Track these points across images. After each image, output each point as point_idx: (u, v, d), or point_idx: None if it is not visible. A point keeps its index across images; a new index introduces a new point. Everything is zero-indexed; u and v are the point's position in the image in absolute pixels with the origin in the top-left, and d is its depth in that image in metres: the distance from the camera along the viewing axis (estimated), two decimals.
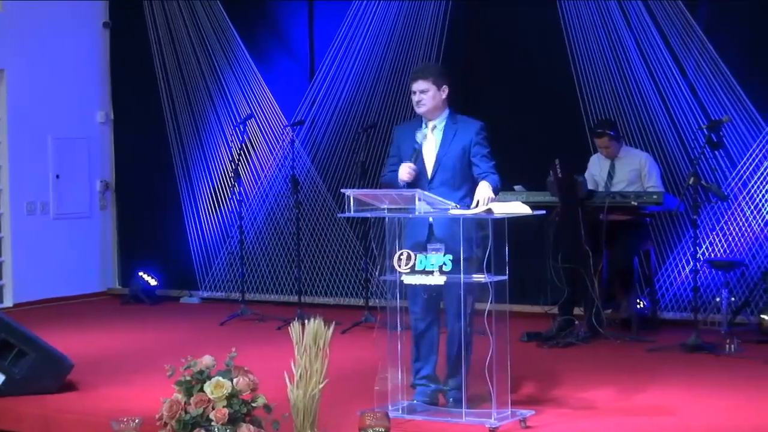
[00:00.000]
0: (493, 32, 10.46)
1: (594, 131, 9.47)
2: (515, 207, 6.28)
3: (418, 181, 6.61)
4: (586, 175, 9.35)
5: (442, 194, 6.42)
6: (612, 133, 9.29)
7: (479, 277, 6.25)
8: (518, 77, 10.29)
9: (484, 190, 6.41)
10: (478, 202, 6.35)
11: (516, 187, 9.00)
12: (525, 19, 10.28)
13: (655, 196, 8.86)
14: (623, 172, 9.30)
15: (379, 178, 7.10)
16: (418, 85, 6.62)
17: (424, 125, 6.69)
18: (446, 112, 6.70)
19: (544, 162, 8.92)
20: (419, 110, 6.66)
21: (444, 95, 6.65)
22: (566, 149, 9.49)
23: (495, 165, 6.58)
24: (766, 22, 9.33)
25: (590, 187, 9.13)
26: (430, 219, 6.46)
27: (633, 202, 8.88)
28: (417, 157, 6.60)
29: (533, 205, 6.56)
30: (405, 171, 6.57)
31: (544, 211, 6.89)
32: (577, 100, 9.98)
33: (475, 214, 6.23)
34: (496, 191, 6.46)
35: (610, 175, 9.34)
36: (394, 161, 6.78)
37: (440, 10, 10.57)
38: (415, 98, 6.65)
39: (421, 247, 6.35)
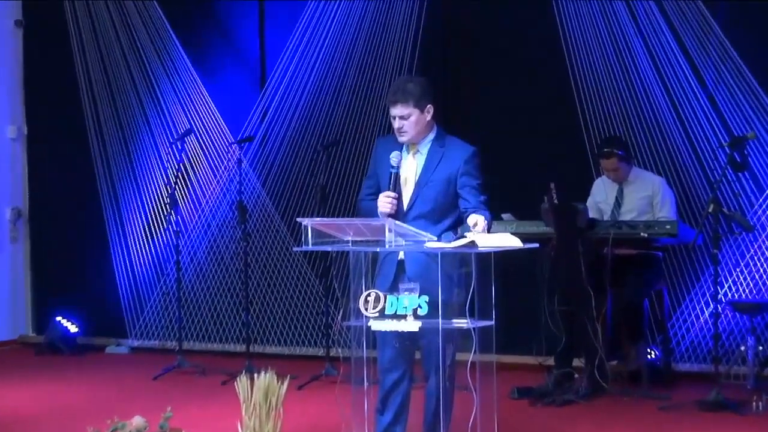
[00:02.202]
0: (476, 35, 10.48)
1: (600, 151, 9.44)
2: (503, 239, 6.24)
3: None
4: (589, 202, 9.35)
5: (419, 228, 6.35)
6: (621, 153, 9.28)
7: (461, 323, 6.21)
8: (506, 87, 10.30)
9: (477, 217, 6.30)
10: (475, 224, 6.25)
11: (504, 216, 8.99)
12: (514, 19, 10.30)
13: (668, 227, 8.85)
14: (633, 198, 9.29)
15: (356, 202, 7.03)
16: (398, 110, 6.53)
17: (405, 148, 6.62)
18: (432, 134, 6.63)
19: (538, 186, 8.91)
20: (402, 139, 6.57)
21: (429, 116, 6.59)
22: (564, 171, 9.48)
23: (486, 200, 6.51)
24: None
25: (593, 215, 9.12)
26: (401, 254, 6.41)
27: (642, 234, 8.87)
28: (395, 183, 6.52)
29: (524, 237, 6.53)
30: (384, 202, 6.48)
31: (537, 244, 6.86)
32: (576, 113, 9.99)
33: (456, 247, 6.19)
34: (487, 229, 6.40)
35: (618, 203, 9.32)
36: (371, 184, 6.72)
37: (414, 8, 10.58)
38: (395, 124, 6.57)
39: (392, 288, 6.31)
